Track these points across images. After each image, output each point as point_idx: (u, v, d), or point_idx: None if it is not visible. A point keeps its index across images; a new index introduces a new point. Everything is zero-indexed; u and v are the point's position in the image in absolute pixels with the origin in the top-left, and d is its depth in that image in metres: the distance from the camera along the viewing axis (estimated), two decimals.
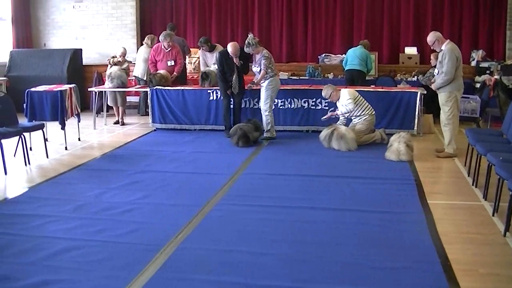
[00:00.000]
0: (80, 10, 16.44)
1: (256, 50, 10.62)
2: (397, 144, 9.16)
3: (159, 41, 12.54)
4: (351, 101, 10.11)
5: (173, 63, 12.39)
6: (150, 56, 12.66)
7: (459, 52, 9.21)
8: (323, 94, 10.46)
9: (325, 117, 10.53)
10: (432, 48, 9.63)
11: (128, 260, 5.09)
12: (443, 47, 9.17)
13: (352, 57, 12.92)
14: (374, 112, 10.34)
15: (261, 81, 10.67)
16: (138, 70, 13.61)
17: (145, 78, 13.40)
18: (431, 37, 9.32)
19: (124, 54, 13.39)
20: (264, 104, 10.67)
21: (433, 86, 9.57)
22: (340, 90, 10.46)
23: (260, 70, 10.61)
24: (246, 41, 10.57)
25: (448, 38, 9.81)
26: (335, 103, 10.51)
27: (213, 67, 12.25)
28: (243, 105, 11.54)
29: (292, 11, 15.79)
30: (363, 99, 10.29)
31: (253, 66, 10.91)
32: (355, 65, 12.79)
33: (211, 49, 12.61)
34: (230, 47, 10.81)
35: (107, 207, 6.67)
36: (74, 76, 15.07)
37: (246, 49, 10.63)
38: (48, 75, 14.92)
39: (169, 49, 12.41)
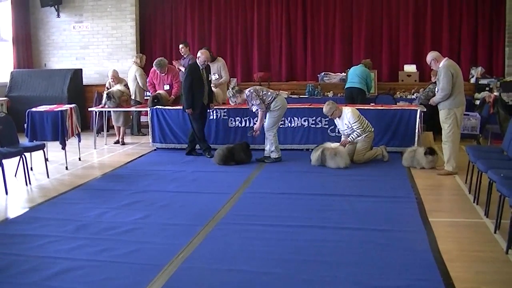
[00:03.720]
0: (80, 30, 16.51)
1: (240, 99, 10.53)
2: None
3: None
4: (359, 124, 10.12)
5: (168, 88, 12.51)
6: (149, 78, 12.85)
7: (456, 69, 9.22)
8: (324, 111, 10.42)
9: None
10: (431, 67, 9.70)
11: (130, 280, 5.08)
12: (440, 65, 9.22)
13: (353, 76, 12.94)
14: (373, 129, 10.37)
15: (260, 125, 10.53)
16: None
17: (137, 98, 13.56)
18: (428, 57, 9.44)
19: (115, 76, 13.31)
20: (267, 125, 10.43)
21: (430, 101, 9.61)
22: (341, 107, 10.47)
23: (257, 110, 10.46)
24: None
25: (447, 56, 9.85)
26: (334, 120, 10.53)
27: (213, 77, 12.44)
28: (244, 124, 11.61)
29: (291, 30, 15.86)
30: (363, 117, 10.31)
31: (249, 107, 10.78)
32: (355, 83, 12.80)
33: (212, 60, 12.62)
34: (202, 54, 10.87)
35: (108, 227, 6.66)
36: (74, 96, 15.10)
37: (231, 101, 10.71)
38: (48, 95, 14.97)
39: (164, 73, 12.53)
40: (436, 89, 9.41)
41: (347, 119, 10.20)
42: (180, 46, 13.54)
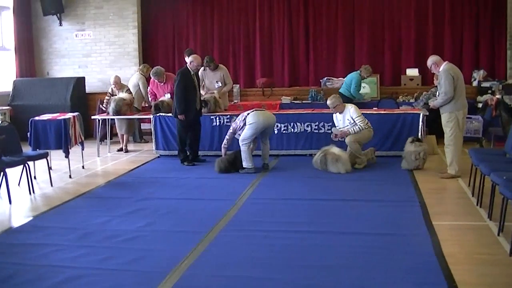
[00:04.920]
0: (83, 38, 16.54)
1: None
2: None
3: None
4: (362, 119, 10.11)
5: (169, 96, 12.49)
6: (149, 88, 12.97)
7: (456, 72, 9.23)
8: (328, 102, 10.38)
9: (336, 137, 10.53)
10: (431, 72, 9.74)
11: None
12: (440, 69, 9.24)
13: (344, 81, 13.28)
14: (372, 128, 10.39)
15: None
16: None
17: (135, 105, 13.56)
18: (428, 62, 9.49)
19: (117, 82, 13.36)
20: (241, 137, 10.19)
21: (431, 105, 9.61)
22: (345, 104, 10.46)
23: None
24: None
25: (449, 59, 9.89)
26: (334, 116, 10.54)
27: (216, 85, 12.51)
28: None
29: (293, 36, 15.84)
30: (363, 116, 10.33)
31: None
32: (341, 88, 13.15)
33: (215, 68, 12.69)
34: (195, 60, 10.89)
35: (112, 235, 6.67)
36: (77, 104, 15.12)
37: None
38: (51, 103, 14.98)
39: (162, 83, 12.59)
40: (438, 93, 9.42)
41: (350, 114, 10.18)
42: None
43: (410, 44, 15.17)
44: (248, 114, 10.22)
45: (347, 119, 10.23)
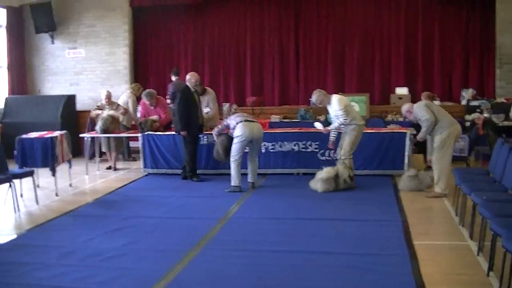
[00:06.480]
0: (74, 56, 16.59)
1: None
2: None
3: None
4: (343, 112, 9.80)
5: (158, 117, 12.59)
6: (140, 110, 12.90)
7: (426, 102, 9.83)
8: (313, 99, 10.33)
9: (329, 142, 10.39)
10: (406, 119, 10.22)
11: None
12: (413, 109, 9.50)
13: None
14: (363, 123, 10.32)
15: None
16: None
17: (123, 122, 13.61)
18: (402, 111, 9.93)
19: (108, 97, 13.25)
20: (231, 152, 10.23)
21: (418, 138, 9.66)
22: (331, 95, 10.33)
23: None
24: None
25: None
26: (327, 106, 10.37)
27: (205, 111, 12.34)
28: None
29: (284, 54, 15.94)
30: (353, 107, 10.24)
31: None
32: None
33: (202, 92, 12.58)
34: (192, 77, 11.09)
35: (93, 253, 6.67)
36: (68, 122, 15.14)
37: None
38: (42, 121, 14.93)
39: (153, 106, 12.63)
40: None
41: (333, 106, 10.04)
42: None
43: (399, 63, 15.25)
44: (237, 123, 10.14)
45: (332, 111, 10.15)
